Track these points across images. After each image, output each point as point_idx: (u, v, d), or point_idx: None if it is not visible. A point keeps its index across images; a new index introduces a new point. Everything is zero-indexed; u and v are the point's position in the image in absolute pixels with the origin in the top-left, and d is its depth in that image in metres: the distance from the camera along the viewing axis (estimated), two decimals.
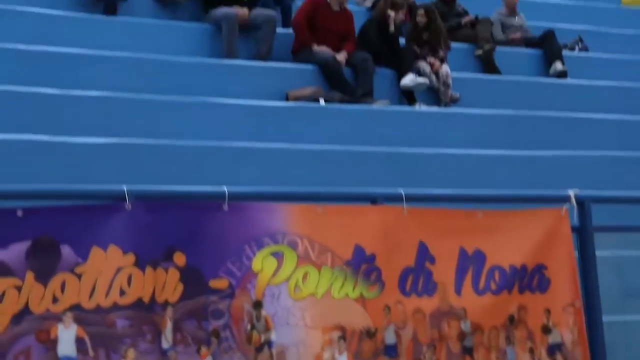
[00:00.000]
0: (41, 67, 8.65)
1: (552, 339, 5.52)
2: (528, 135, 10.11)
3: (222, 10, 10.19)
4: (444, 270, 5.32)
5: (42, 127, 7.77)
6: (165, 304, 4.64)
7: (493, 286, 5.42)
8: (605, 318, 5.78)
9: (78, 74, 8.76)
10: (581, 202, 5.74)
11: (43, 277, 4.40)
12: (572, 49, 12.75)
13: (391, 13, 10.68)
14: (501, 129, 10.11)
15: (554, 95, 11.29)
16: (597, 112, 10.90)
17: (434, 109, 10.40)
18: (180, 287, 4.68)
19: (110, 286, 4.52)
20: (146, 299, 4.60)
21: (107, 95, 8.50)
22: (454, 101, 10.71)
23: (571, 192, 5.68)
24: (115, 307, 4.52)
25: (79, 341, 4.43)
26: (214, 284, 4.77)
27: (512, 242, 5.51)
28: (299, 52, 10.37)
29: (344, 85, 10.09)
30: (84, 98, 8.37)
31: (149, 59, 9.36)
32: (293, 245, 4.95)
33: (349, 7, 10.86)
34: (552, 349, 5.52)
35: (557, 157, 9.68)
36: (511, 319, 5.44)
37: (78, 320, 4.44)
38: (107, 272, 4.52)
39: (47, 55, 8.84)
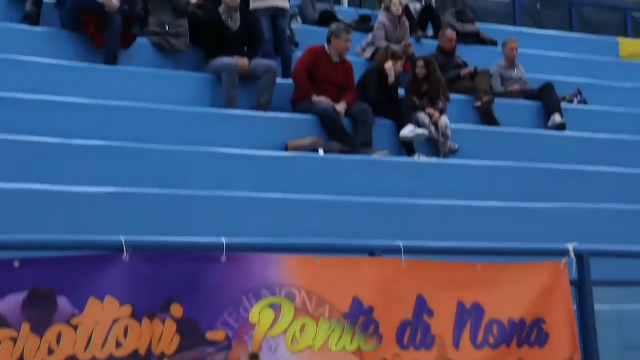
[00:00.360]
0: (41, 116, 8.67)
1: None
2: (527, 187, 10.11)
3: (223, 61, 10.24)
4: (442, 324, 5.29)
5: (42, 176, 7.77)
6: (162, 356, 4.60)
7: (491, 340, 5.38)
8: None
9: (78, 123, 8.78)
10: (580, 256, 5.72)
11: (39, 329, 4.37)
12: (571, 101, 12.80)
13: (390, 64, 10.73)
14: (500, 180, 10.11)
15: (553, 147, 11.32)
16: (596, 164, 10.92)
17: (433, 160, 10.42)
18: (177, 339, 4.65)
19: (106, 338, 4.49)
20: (142, 351, 4.56)
21: (107, 144, 8.51)
22: (453, 152, 10.73)
23: (570, 246, 5.67)
24: (111, 359, 4.49)
25: None
26: (211, 335, 4.74)
27: (510, 296, 5.49)
28: (298, 103, 10.41)
29: (344, 136, 10.12)
30: (84, 147, 8.38)
31: (149, 109, 9.39)
32: (291, 297, 4.93)
33: (349, 58, 10.92)
34: None
35: (555, 209, 9.68)
36: None
37: None
38: (103, 324, 4.49)
39: (47, 104, 8.87)
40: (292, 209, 8.48)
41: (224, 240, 4.82)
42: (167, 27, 10.57)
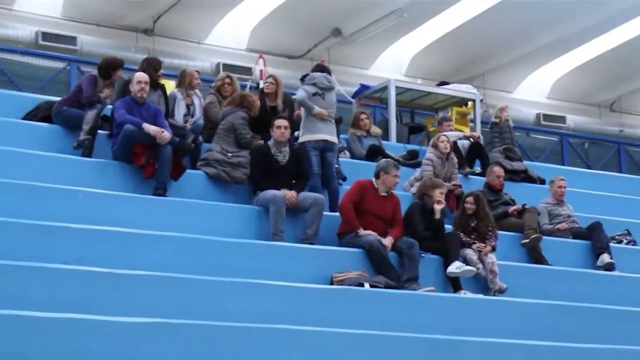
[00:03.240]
0: (89, 246, 8.74)
1: None
2: (575, 327, 9.95)
3: (270, 193, 10.32)
4: None
5: (87, 306, 7.77)
6: None
7: None
8: None
9: (125, 252, 8.82)
10: None
11: None
12: (620, 241, 12.68)
13: (439, 200, 10.71)
14: (547, 319, 9.97)
15: (602, 287, 11.17)
16: None
17: (479, 296, 10.31)
18: None
19: None
20: None
21: (152, 274, 8.52)
22: (501, 292, 10.57)
23: None
24: None
25: None
26: None
27: None
28: (344, 236, 10.41)
29: (389, 270, 10.07)
30: (130, 276, 8.38)
31: (195, 239, 9.43)
32: None
33: (396, 192, 10.94)
34: None
35: (605, 350, 9.49)
36: None
37: None
38: None
39: (95, 233, 8.93)
40: (337, 343, 8.38)
41: None
42: (229, 155, 10.73)
